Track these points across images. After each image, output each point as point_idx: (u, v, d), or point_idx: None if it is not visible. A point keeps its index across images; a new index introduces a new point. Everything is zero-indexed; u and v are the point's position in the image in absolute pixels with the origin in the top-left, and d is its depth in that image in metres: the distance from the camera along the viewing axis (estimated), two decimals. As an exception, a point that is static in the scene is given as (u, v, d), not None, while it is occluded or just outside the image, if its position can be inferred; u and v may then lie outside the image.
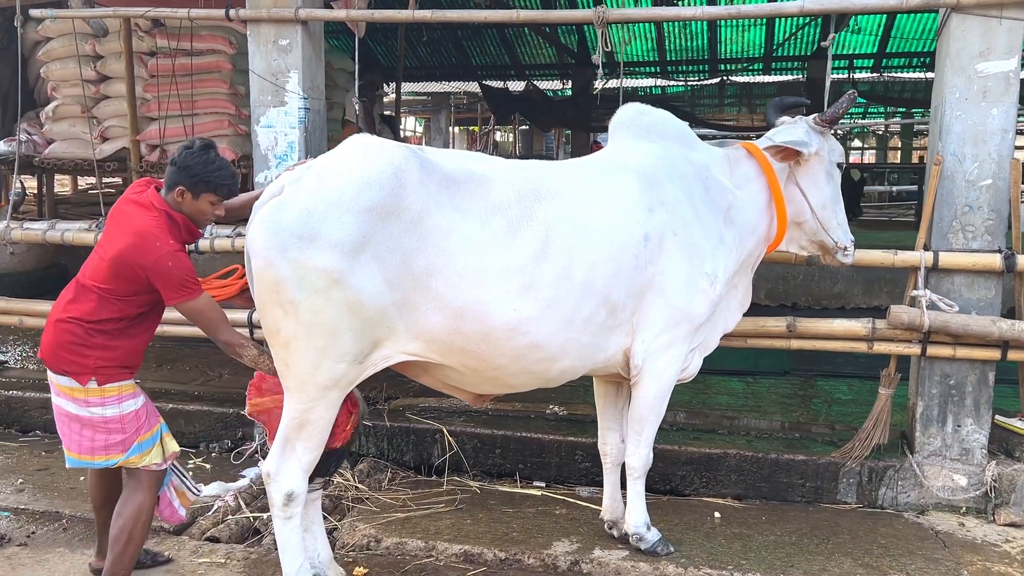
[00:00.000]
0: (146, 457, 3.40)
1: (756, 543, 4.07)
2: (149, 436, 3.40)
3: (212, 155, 3.40)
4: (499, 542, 4.02)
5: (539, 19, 5.30)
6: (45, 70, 8.31)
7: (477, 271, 3.23)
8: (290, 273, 3.08)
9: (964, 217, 4.33)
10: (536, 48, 15.71)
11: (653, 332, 3.64)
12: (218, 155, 3.44)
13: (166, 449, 3.47)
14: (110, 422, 3.33)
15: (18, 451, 5.24)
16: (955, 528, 4.30)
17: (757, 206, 3.94)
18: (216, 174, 3.37)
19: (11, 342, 7.13)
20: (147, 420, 3.42)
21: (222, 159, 3.44)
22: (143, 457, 3.39)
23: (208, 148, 3.42)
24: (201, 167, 3.35)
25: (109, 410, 3.32)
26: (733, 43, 14.79)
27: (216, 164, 3.39)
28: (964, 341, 4.37)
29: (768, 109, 4.26)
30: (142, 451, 3.38)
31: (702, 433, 5.07)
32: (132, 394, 3.39)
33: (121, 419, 3.34)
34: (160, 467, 3.46)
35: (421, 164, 3.25)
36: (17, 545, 4.04)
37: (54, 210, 9.74)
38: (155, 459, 3.42)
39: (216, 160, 3.40)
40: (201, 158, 3.37)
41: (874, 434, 4.57)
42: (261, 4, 4.86)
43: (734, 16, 4.78)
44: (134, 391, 3.40)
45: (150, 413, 3.45)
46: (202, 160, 3.36)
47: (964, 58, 4.23)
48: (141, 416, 3.39)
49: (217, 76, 7.66)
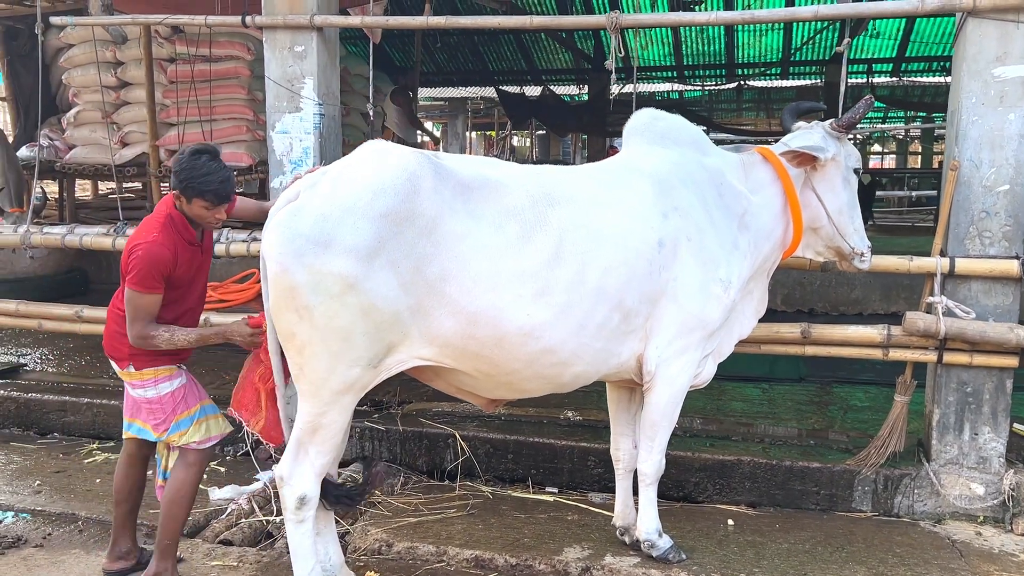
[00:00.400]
0: (184, 436, 3.59)
1: (769, 551, 4.04)
2: (187, 416, 3.60)
3: (202, 161, 3.41)
4: (510, 548, 4.02)
5: (553, 24, 5.31)
6: (67, 76, 8.43)
7: (491, 276, 3.23)
8: (305, 278, 3.10)
9: (981, 223, 4.29)
10: (552, 53, 15.74)
11: (666, 338, 3.63)
12: (210, 160, 3.43)
13: (210, 430, 3.65)
14: (152, 402, 3.58)
15: (36, 453, 5.30)
16: (972, 537, 4.25)
17: (772, 211, 3.92)
18: (201, 180, 3.39)
19: (30, 345, 7.20)
20: (184, 400, 3.61)
21: (213, 164, 3.42)
22: (181, 436, 3.59)
23: (198, 153, 3.43)
24: (187, 172, 3.39)
25: (148, 391, 3.57)
26: (750, 48, 14.75)
27: (203, 170, 3.39)
28: (981, 348, 4.32)
29: (784, 114, 4.25)
30: (180, 430, 3.58)
31: (716, 440, 5.05)
32: (168, 376, 3.60)
33: (160, 400, 3.57)
34: (200, 446, 3.62)
35: (435, 170, 3.27)
36: (33, 546, 4.09)
37: (74, 214, 9.86)
38: (193, 437, 3.60)
39: (204, 166, 3.40)
40: (189, 163, 3.40)
41: (890, 442, 4.54)
42: (277, 11, 4.89)
43: (749, 21, 4.79)
44: (171, 373, 3.60)
45: (189, 393, 3.63)
46: (190, 166, 3.40)
47: (981, 62, 4.19)
48: (178, 396, 3.59)
49: (235, 82, 7.74)
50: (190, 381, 3.68)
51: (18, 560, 3.95)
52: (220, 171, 3.43)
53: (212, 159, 3.43)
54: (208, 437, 3.64)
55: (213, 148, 3.49)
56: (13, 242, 5.66)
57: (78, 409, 5.68)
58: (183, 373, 3.66)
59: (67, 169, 8.61)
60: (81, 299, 7.10)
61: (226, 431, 3.72)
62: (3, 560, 3.94)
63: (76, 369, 6.55)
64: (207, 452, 3.67)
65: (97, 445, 5.41)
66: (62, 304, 5.74)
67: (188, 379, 3.67)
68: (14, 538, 4.14)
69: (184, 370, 3.68)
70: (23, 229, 5.63)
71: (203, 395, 3.71)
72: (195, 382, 3.72)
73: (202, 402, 3.67)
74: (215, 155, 3.46)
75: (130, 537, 3.79)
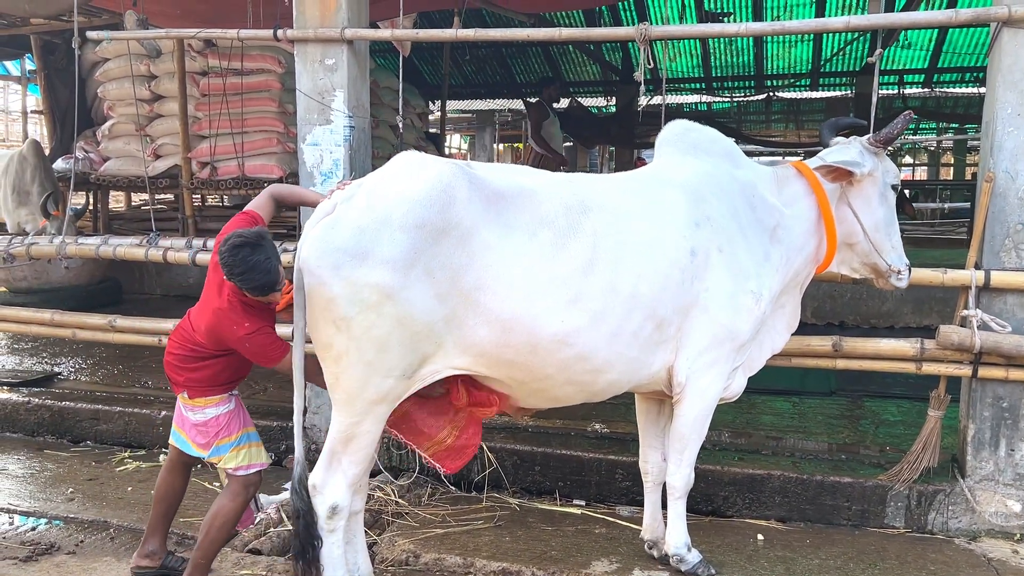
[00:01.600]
0: (222, 460, 3.66)
1: (800, 567, 3.99)
2: (227, 441, 3.66)
3: (240, 256, 3.20)
4: (538, 560, 4.00)
5: (581, 36, 5.32)
6: (102, 90, 8.59)
7: (525, 284, 3.25)
8: (343, 290, 3.13)
9: (1017, 235, 4.22)
10: (580, 65, 15.75)
11: (697, 350, 3.61)
12: (250, 255, 3.19)
13: (251, 457, 3.69)
14: (198, 425, 3.65)
15: (69, 461, 5.37)
16: (1008, 556, 4.17)
17: (805, 225, 3.89)
18: (240, 277, 3.23)
19: (64, 354, 7.31)
20: (227, 425, 3.66)
21: (252, 259, 3.20)
22: (220, 459, 3.66)
23: (239, 248, 3.21)
24: (229, 267, 3.24)
25: (196, 415, 3.65)
26: (780, 59, 14.66)
27: (241, 267, 3.20)
28: (1017, 362, 4.25)
29: (823, 129, 4.21)
30: (219, 454, 3.65)
31: (746, 453, 5.00)
32: (216, 403, 3.65)
33: (205, 423, 3.64)
34: (238, 472, 3.66)
35: (470, 180, 3.29)
36: (66, 553, 4.14)
37: (108, 226, 10.02)
38: (230, 463, 3.65)
39: (243, 263, 3.20)
40: (230, 257, 3.22)
41: (923, 457, 4.46)
42: (308, 24, 4.95)
43: (779, 32, 4.77)
44: (219, 401, 3.66)
45: (233, 419, 3.68)
46: (231, 260, 3.22)
47: (1016, 73, 4.14)
48: (222, 421, 3.65)
49: (266, 95, 7.83)
50: (238, 407, 3.73)
51: (51, 567, 4.00)
52: (259, 267, 3.21)
53: (252, 252, 3.19)
54: (248, 464, 3.68)
55: (255, 238, 3.23)
56: (49, 252, 5.76)
57: (110, 418, 5.75)
58: (232, 399, 3.71)
59: (101, 181, 8.76)
60: (114, 309, 7.20)
61: (266, 462, 3.76)
62: (36, 566, 4.00)
63: (109, 378, 6.63)
64: (250, 480, 3.68)
65: (129, 453, 5.48)
66: (96, 314, 5.82)
67: (236, 405, 3.73)
68: (47, 545, 4.20)
69: (235, 396, 3.74)
70: (59, 240, 5.73)
71: (247, 422, 3.75)
72: (242, 408, 3.77)
73: (245, 429, 3.71)
74: (256, 246, 3.21)
75: (160, 539, 3.84)
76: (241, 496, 3.66)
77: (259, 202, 3.66)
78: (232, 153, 7.79)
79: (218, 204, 13.19)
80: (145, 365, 6.83)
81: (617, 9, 12.93)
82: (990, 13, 4.16)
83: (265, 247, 3.24)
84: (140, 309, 7.63)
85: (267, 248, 3.25)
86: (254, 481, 3.71)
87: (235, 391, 3.75)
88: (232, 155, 7.81)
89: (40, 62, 10.11)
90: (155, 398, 6.00)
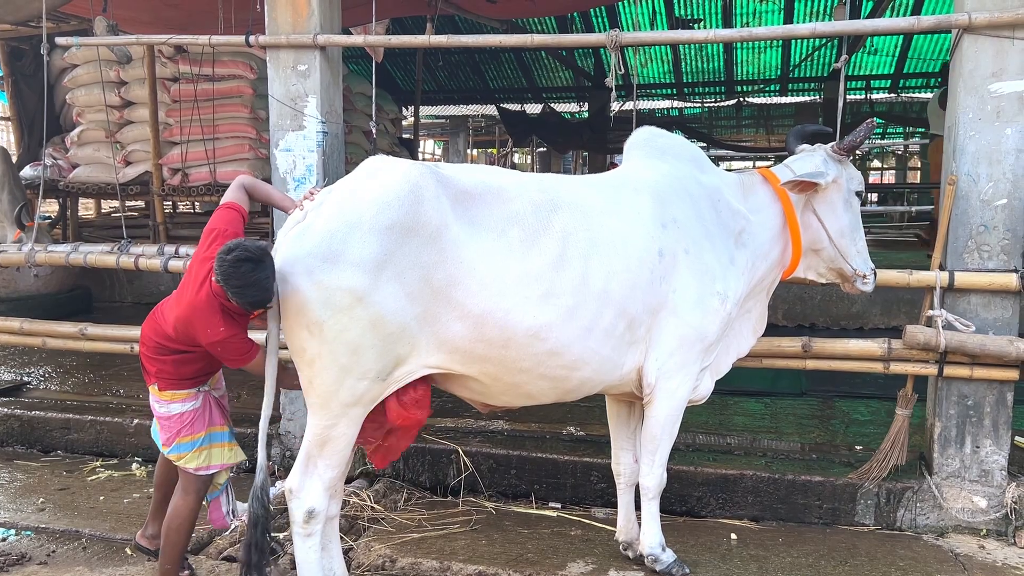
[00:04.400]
0: (182, 459, 3.60)
1: (772, 565, 4.05)
2: (189, 440, 3.61)
3: (242, 271, 3.10)
4: (514, 563, 4.02)
5: (553, 43, 5.36)
6: (71, 96, 8.50)
7: (496, 279, 3.29)
8: (315, 294, 3.15)
9: (979, 237, 4.32)
10: (553, 71, 15.86)
11: (666, 351, 3.66)
12: (251, 271, 3.10)
13: (211, 458, 3.65)
14: (162, 418, 3.62)
15: (39, 471, 5.31)
16: (975, 551, 4.25)
17: (770, 231, 3.95)
18: (236, 291, 3.13)
19: (34, 363, 7.22)
20: (191, 424, 3.61)
21: (253, 276, 3.11)
22: (180, 458, 3.61)
23: (243, 262, 3.09)
24: (226, 277, 3.12)
25: (162, 408, 3.62)
26: (749, 65, 14.86)
27: (240, 281, 3.11)
28: (981, 361, 4.34)
29: (789, 137, 4.29)
30: (180, 452, 3.60)
31: (719, 454, 5.06)
32: (183, 399, 3.60)
33: (169, 417, 3.60)
34: (198, 472, 3.62)
35: (437, 179, 3.33)
36: (37, 563, 4.09)
37: (78, 233, 9.90)
38: (190, 463, 3.61)
39: (244, 277, 3.10)
40: (231, 268, 3.11)
41: (892, 455, 4.55)
42: (280, 30, 4.95)
43: (747, 39, 4.82)
44: (186, 396, 3.61)
45: (198, 419, 3.63)
46: (232, 271, 3.11)
47: (977, 78, 4.24)
48: (186, 419, 3.60)
49: (238, 101, 7.80)
50: (206, 406, 3.65)
51: (22, 577, 3.95)
52: (258, 285, 3.13)
53: (255, 268, 3.10)
54: (209, 465, 3.63)
55: (259, 254, 3.12)
56: (17, 260, 5.70)
57: (81, 427, 5.70)
58: (200, 397, 3.63)
59: (71, 188, 8.66)
60: (85, 317, 7.11)
61: (230, 462, 3.70)
62: (7, 577, 3.96)
63: (79, 387, 6.57)
64: (204, 480, 3.65)
65: (100, 463, 5.43)
66: (66, 322, 5.76)
67: (205, 404, 3.65)
68: (18, 555, 4.14)
69: (204, 393, 3.65)
70: (27, 247, 5.67)
71: (216, 422, 3.66)
72: (214, 408, 3.68)
73: (210, 428, 3.64)
74: (259, 262, 3.11)
75: (159, 524, 3.85)
76: (192, 493, 3.62)
77: (237, 195, 3.61)
78: (204, 159, 7.75)
79: (189, 211, 13.09)
80: (116, 373, 6.77)
81: (589, 16, 13.05)
82: (951, 20, 4.26)
83: (267, 265, 3.14)
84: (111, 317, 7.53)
85: (268, 267, 3.15)
86: (208, 480, 3.67)
87: (205, 387, 3.67)
88: (204, 161, 7.76)
89: (7, 68, 9.99)
90: (127, 407, 5.95)
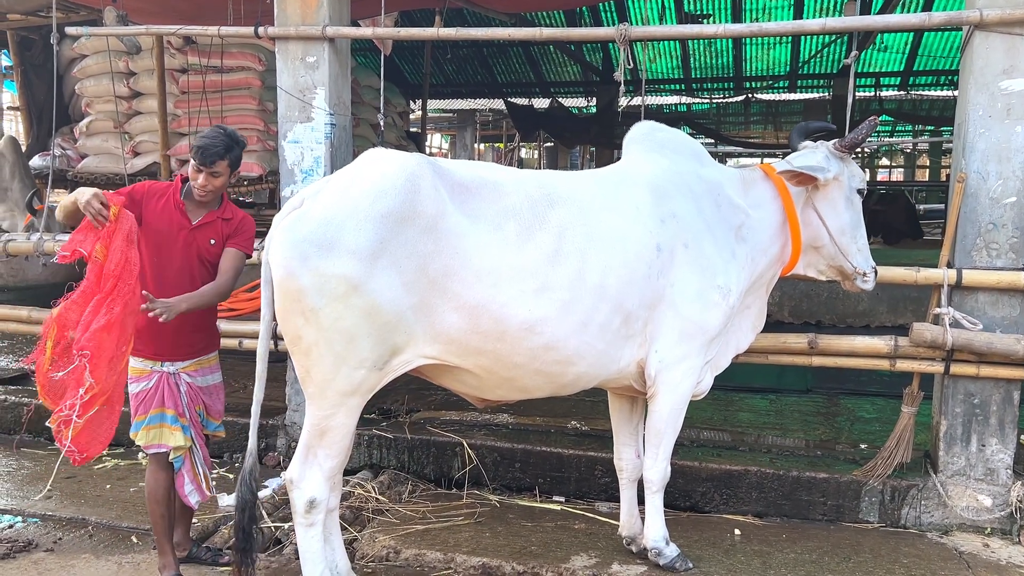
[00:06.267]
0: (137, 437, 3.76)
1: (776, 561, 4.05)
2: (141, 419, 3.74)
3: (213, 129, 3.70)
4: (517, 556, 4.03)
5: (562, 36, 5.35)
6: (80, 86, 8.51)
7: (492, 272, 3.29)
8: (311, 281, 3.15)
9: (988, 235, 4.30)
10: (561, 65, 15.82)
11: (667, 344, 3.66)
12: (219, 131, 3.70)
13: (160, 437, 3.74)
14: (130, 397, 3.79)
15: (47, 458, 5.34)
16: (979, 549, 4.25)
17: (771, 227, 3.95)
18: (197, 138, 3.68)
19: (42, 352, 7.24)
20: (143, 404, 3.74)
21: (215, 132, 3.69)
22: (135, 436, 3.77)
23: (220, 127, 3.72)
24: (200, 135, 3.71)
25: (128, 386, 3.75)
26: (758, 61, 14.80)
27: (204, 133, 3.70)
28: (988, 359, 4.33)
29: (792, 133, 4.26)
30: (134, 431, 3.76)
31: (723, 450, 5.06)
32: (136, 378, 3.75)
33: (131, 396, 3.77)
34: (149, 450, 3.76)
35: (434, 170, 3.35)
36: (44, 551, 4.12)
37: (86, 223, 9.91)
38: (141, 441, 3.75)
39: (210, 132, 3.69)
40: (208, 130, 3.71)
41: (897, 453, 4.54)
42: (289, 22, 4.95)
43: (757, 34, 4.82)
44: (139, 375, 3.75)
45: (149, 399, 3.74)
46: (205, 132, 3.70)
47: (987, 75, 4.22)
48: (140, 398, 3.75)
49: (246, 92, 7.80)
50: (160, 388, 3.74)
51: (29, 564, 3.98)
52: (213, 139, 3.65)
53: (223, 132, 3.69)
54: (149, 443, 3.74)
55: (234, 132, 3.75)
56: (26, 249, 5.72)
57: (88, 415, 5.71)
58: (154, 377, 3.75)
59: (79, 178, 8.67)
60: (92, 307, 7.13)
61: (172, 444, 3.75)
62: (14, 564, 3.98)
63: (86, 376, 6.58)
64: (157, 458, 3.77)
65: (107, 451, 5.43)
66: (74, 311, 5.77)
67: (159, 386, 3.74)
68: (25, 542, 4.18)
69: (160, 374, 3.75)
70: (36, 236, 5.68)
71: (168, 405, 3.75)
72: (170, 391, 3.75)
73: (161, 409, 3.74)
74: (230, 134, 3.71)
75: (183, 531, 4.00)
76: (152, 472, 3.78)
77: None
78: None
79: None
80: (123, 363, 6.79)
81: (598, 10, 13.01)
82: (962, 16, 4.24)
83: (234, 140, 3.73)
84: (118, 307, 7.55)
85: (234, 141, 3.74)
86: (162, 459, 3.76)
87: (166, 367, 3.75)
88: (212, 153, 7.76)
89: (17, 58, 10.01)
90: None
